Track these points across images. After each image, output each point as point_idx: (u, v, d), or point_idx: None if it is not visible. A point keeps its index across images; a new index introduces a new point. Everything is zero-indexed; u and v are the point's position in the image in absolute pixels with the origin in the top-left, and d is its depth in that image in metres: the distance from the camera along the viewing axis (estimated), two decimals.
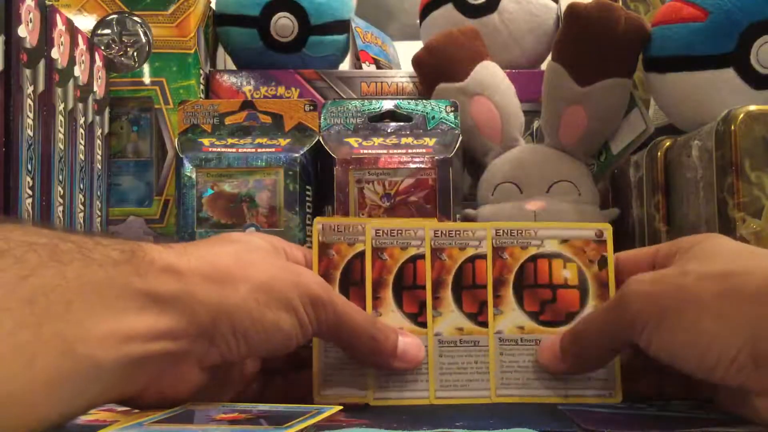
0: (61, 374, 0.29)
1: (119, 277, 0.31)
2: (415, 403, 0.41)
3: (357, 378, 0.41)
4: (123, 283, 0.31)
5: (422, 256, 0.42)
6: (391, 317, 0.42)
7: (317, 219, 0.43)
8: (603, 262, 0.42)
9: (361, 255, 0.42)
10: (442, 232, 0.43)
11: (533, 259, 0.42)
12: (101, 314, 0.30)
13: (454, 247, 0.43)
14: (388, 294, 0.42)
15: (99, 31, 0.70)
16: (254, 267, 0.36)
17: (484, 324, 0.42)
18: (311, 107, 0.64)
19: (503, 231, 0.43)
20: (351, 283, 0.42)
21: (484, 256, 0.42)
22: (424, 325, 0.42)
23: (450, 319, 0.42)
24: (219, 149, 0.60)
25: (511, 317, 0.42)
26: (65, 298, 0.29)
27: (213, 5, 0.79)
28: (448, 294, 0.42)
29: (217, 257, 0.36)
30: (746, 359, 0.33)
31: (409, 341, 0.41)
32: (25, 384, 0.27)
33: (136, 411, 0.36)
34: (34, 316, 0.28)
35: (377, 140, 0.62)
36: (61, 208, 0.56)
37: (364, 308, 0.41)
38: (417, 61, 0.72)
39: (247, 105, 0.64)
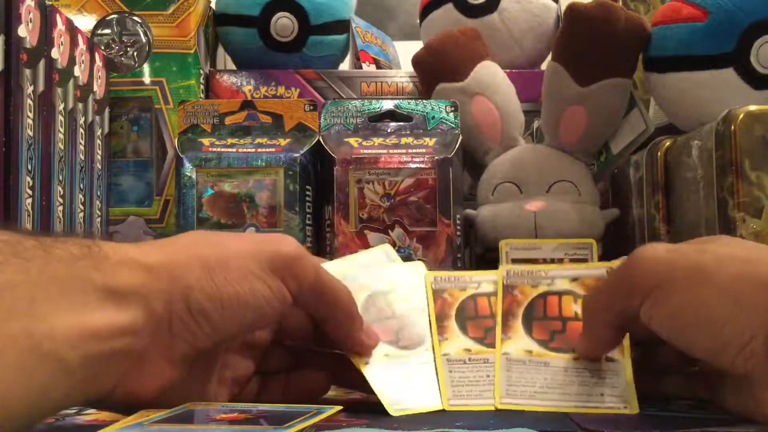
0: (29, 371, 0.28)
1: (79, 272, 0.31)
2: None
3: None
4: (83, 277, 0.31)
5: (481, 294, 0.44)
6: None
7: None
8: None
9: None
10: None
11: (543, 296, 0.42)
12: (64, 310, 0.30)
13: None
14: (452, 324, 0.43)
15: (99, 31, 0.70)
16: (210, 246, 0.35)
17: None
18: (311, 107, 0.64)
19: (514, 272, 0.43)
20: None
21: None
22: (490, 345, 0.42)
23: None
24: (219, 149, 0.60)
25: (520, 344, 0.41)
26: (29, 293, 0.29)
27: (213, 5, 0.79)
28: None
29: (173, 244, 0.35)
30: (758, 346, 0.32)
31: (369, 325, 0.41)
32: None
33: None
34: (1, 312, 0.28)
35: (377, 140, 0.62)
36: (61, 208, 0.56)
37: None
38: (417, 61, 0.72)
39: (247, 105, 0.64)
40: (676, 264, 0.35)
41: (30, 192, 0.51)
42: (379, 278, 0.44)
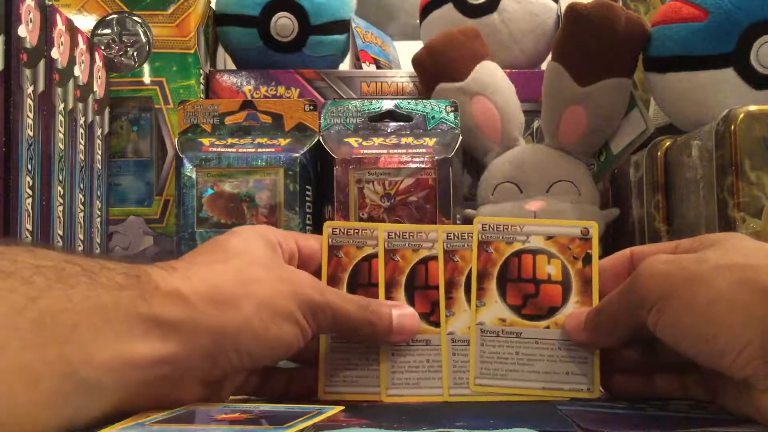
0: (64, 396, 0.29)
1: (124, 301, 0.32)
2: (430, 400, 0.41)
3: (363, 377, 0.42)
4: (128, 307, 0.32)
5: (434, 258, 0.43)
6: None
7: (327, 223, 0.44)
8: (587, 259, 0.42)
9: (368, 258, 0.43)
10: (454, 234, 0.43)
11: (518, 254, 0.42)
12: (105, 338, 0.31)
13: (466, 249, 0.43)
14: (401, 294, 0.43)
15: (99, 31, 0.70)
16: (256, 284, 0.37)
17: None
18: (311, 107, 0.64)
19: (489, 226, 0.43)
20: (358, 284, 0.43)
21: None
22: (436, 324, 0.42)
23: (464, 318, 0.42)
24: (219, 149, 0.60)
25: (494, 311, 0.42)
26: (71, 320, 0.30)
27: (213, 5, 0.79)
28: (461, 294, 0.42)
29: (220, 277, 0.36)
30: (756, 352, 0.33)
31: (404, 313, 0.41)
32: (28, 404, 0.28)
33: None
34: (40, 338, 0.29)
35: (377, 140, 0.62)
36: (61, 208, 0.56)
37: None
38: (417, 61, 0.72)
39: (247, 105, 0.64)
40: (675, 276, 0.36)
41: (30, 192, 0.51)
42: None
